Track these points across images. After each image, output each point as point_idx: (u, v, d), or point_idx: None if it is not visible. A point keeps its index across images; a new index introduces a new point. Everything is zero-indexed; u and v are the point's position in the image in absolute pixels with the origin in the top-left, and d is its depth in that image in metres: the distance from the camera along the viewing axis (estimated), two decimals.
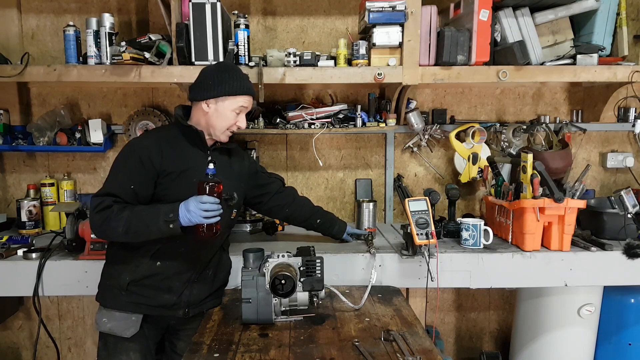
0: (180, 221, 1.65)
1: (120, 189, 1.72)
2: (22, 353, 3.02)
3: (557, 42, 2.61)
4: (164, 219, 1.65)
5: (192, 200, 1.66)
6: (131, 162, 1.76)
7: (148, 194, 1.76)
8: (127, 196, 1.72)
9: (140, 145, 1.81)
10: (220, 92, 1.81)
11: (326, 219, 2.33)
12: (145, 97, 2.85)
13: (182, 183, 1.76)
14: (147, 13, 2.77)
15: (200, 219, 1.64)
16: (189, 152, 1.84)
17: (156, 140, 1.83)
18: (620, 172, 2.99)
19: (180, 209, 1.66)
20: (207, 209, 1.64)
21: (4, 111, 2.75)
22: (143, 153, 1.76)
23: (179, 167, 1.79)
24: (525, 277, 2.23)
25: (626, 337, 2.60)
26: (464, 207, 2.97)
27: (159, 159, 1.76)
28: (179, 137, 1.86)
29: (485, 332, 3.16)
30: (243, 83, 1.86)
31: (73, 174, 2.88)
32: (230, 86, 1.83)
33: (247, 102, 1.86)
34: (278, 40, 2.82)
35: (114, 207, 1.68)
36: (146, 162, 1.74)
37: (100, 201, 1.70)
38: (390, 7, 2.33)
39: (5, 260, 2.16)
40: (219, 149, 1.93)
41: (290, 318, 1.75)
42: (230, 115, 1.83)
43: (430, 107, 2.92)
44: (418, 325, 1.71)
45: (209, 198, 1.65)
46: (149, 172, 1.75)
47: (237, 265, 2.06)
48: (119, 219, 1.67)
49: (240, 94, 1.83)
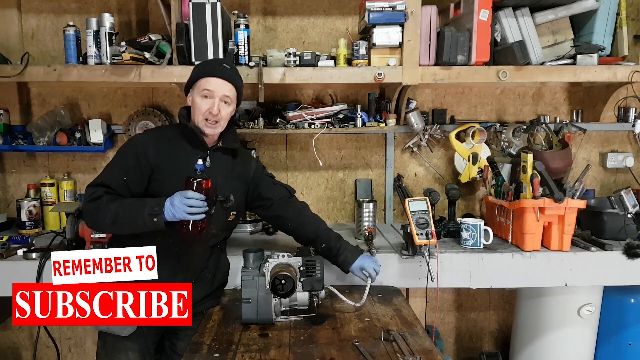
0: (165, 215, 1.65)
1: (113, 180, 1.75)
2: (22, 353, 3.02)
3: (557, 42, 2.61)
4: (148, 212, 1.66)
5: (177, 194, 1.65)
6: (127, 156, 1.80)
7: (141, 188, 1.78)
8: (119, 188, 1.75)
9: (138, 141, 1.86)
10: (188, 83, 1.86)
11: (332, 244, 2.01)
12: (145, 97, 2.85)
13: (176, 182, 1.74)
14: (147, 13, 2.77)
15: (184, 214, 1.63)
16: (187, 151, 1.84)
17: (155, 137, 1.86)
18: (620, 172, 2.99)
19: (165, 203, 1.66)
20: (191, 204, 1.62)
21: (4, 111, 2.75)
22: (139, 148, 1.79)
23: (174, 166, 1.79)
24: (525, 277, 2.23)
25: (626, 337, 2.60)
26: (464, 207, 2.97)
27: (154, 155, 1.78)
28: (179, 137, 1.87)
29: (485, 332, 3.16)
30: (206, 67, 1.85)
31: (73, 174, 2.88)
32: (193, 73, 1.86)
33: (211, 85, 1.80)
34: (278, 40, 2.82)
35: (104, 198, 1.71)
36: (141, 157, 1.77)
37: (93, 191, 1.73)
38: (390, 7, 2.33)
39: (5, 260, 2.16)
40: (222, 149, 1.92)
41: (290, 318, 1.75)
42: (200, 102, 1.81)
43: (430, 107, 2.92)
44: (418, 325, 1.71)
45: (194, 194, 1.63)
46: (142, 167, 1.77)
47: (237, 266, 2.06)
48: (108, 209, 1.69)
49: (200, 77, 1.82)
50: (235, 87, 1.87)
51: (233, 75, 1.87)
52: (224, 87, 1.83)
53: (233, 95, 1.86)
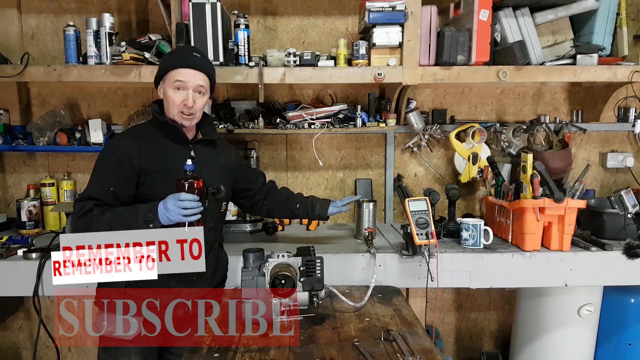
0: (160, 220, 1.63)
1: (100, 192, 1.70)
2: (22, 353, 3.02)
3: (557, 42, 2.61)
4: (143, 219, 1.63)
5: (170, 198, 1.62)
6: (109, 163, 1.73)
7: (129, 194, 1.74)
8: (108, 198, 1.70)
9: (117, 145, 1.78)
10: (158, 74, 1.80)
11: (306, 202, 2.18)
12: (145, 97, 2.85)
13: (166, 181, 1.71)
14: (147, 13, 2.77)
15: (180, 217, 1.61)
16: (170, 148, 1.80)
17: (134, 139, 1.79)
18: (620, 172, 2.99)
19: (159, 208, 1.64)
20: (186, 206, 1.60)
21: (4, 111, 2.75)
22: (121, 153, 1.73)
23: (160, 165, 1.75)
24: (525, 277, 2.23)
25: (626, 337, 2.60)
26: (464, 207, 2.97)
27: (138, 159, 1.73)
28: (158, 133, 1.81)
29: (485, 332, 3.16)
30: (176, 57, 1.79)
31: (73, 174, 2.88)
32: (162, 64, 1.81)
33: (183, 76, 1.74)
34: (278, 40, 2.82)
35: (95, 211, 1.67)
36: (125, 163, 1.72)
37: (81, 206, 1.68)
38: (390, 7, 2.33)
39: (5, 260, 2.16)
40: (202, 141, 1.88)
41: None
42: (173, 94, 1.75)
43: (430, 107, 2.92)
44: (418, 325, 1.71)
45: (187, 195, 1.61)
46: (128, 173, 1.72)
47: (236, 266, 2.07)
48: (100, 222, 1.65)
49: (171, 68, 1.76)
50: (208, 76, 1.82)
51: (205, 64, 1.81)
52: (196, 77, 1.76)
53: (207, 84, 1.81)
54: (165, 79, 1.79)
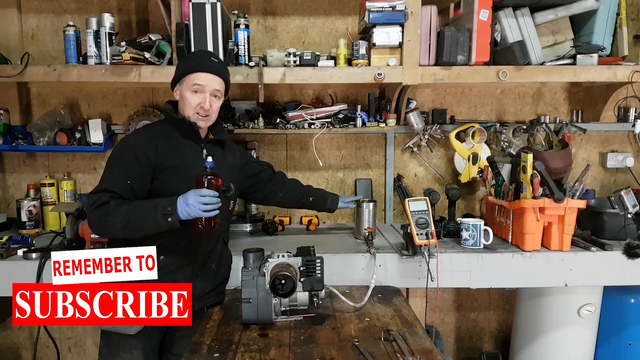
0: (179, 215, 1.65)
1: (117, 185, 1.72)
2: (22, 353, 3.02)
3: (557, 42, 2.61)
4: (162, 212, 1.65)
5: (191, 193, 1.66)
6: (126, 157, 1.76)
7: (145, 189, 1.76)
8: (124, 192, 1.72)
9: (134, 141, 1.81)
10: (176, 77, 1.84)
11: (318, 195, 2.37)
12: (145, 97, 2.85)
13: (180, 177, 1.76)
14: (147, 13, 2.77)
15: (200, 212, 1.64)
16: (184, 145, 1.84)
17: (150, 135, 1.82)
18: (620, 172, 2.99)
19: (178, 202, 1.66)
20: (206, 202, 1.64)
21: (4, 111, 2.75)
22: (138, 149, 1.75)
23: (176, 161, 1.79)
24: (525, 277, 2.23)
25: (626, 337, 2.60)
26: (464, 207, 2.97)
27: (154, 154, 1.76)
28: (172, 131, 1.85)
29: (485, 332, 3.16)
30: (195, 62, 1.83)
31: (73, 174, 2.88)
32: (181, 67, 1.85)
33: (201, 80, 1.79)
34: (278, 40, 2.82)
35: (111, 203, 1.68)
36: (141, 158, 1.74)
37: (97, 198, 1.70)
38: (390, 7, 2.33)
39: (5, 260, 2.16)
40: (213, 141, 1.92)
41: (290, 318, 1.75)
42: (190, 97, 1.80)
43: (430, 107, 2.92)
44: (418, 325, 1.71)
45: (208, 191, 1.65)
46: (144, 168, 1.75)
47: (237, 265, 2.06)
48: (117, 214, 1.67)
49: (190, 72, 1.80)
50: (225, 81, 1.88)
51: (222, 69, 1.87)
52: (214, 81, 1.81)
53: (222, 88, 1.87)
54: (182, 82, 1.82)
